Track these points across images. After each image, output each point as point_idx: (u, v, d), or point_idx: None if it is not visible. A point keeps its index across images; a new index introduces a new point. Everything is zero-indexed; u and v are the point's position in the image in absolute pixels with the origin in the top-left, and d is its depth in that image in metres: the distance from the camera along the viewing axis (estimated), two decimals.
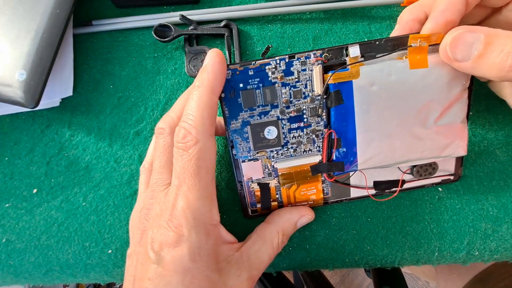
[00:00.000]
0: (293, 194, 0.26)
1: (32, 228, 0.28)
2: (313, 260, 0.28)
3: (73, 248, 0.28)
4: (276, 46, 0.30)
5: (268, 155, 0.24)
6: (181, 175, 0.20)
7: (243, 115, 0.23)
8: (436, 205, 0.27)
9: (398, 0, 0.29)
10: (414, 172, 0.25)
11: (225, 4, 0.30)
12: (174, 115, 0.24)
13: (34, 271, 0.28)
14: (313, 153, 0.24)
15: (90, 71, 0.30)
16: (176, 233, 0.20)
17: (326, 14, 0.30)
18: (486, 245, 0.27)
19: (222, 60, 0.21)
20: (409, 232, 0.27)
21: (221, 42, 0.30)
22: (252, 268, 0.23)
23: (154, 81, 0.29)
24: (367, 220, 0.28)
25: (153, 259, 0.20)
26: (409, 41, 0.21)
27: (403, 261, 0.28)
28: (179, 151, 0.21)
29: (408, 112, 0.22)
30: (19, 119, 0.29)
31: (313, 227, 0.28)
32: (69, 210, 0.28)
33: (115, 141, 0.29)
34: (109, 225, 0.28)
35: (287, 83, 0.22)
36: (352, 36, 0.30)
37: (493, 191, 0.27)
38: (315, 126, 0.23)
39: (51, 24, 0.26)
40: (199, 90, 0.21)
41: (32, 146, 0.29)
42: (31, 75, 0.25)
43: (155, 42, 0.30)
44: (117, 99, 0.29)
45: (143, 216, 0.23)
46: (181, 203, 0.20)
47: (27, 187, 0.29)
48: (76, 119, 0.29)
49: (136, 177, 0.28)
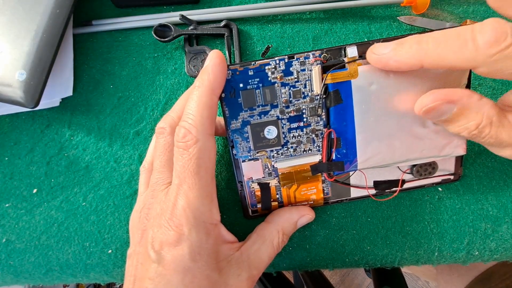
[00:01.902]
0: (293, 194, 0.26)
1: (32, 228, 0.28)
2: (313, 260, 0.28)
3: (73, 248, 0.28)
4: (276, 46, 0.30)
5: (268, 155, 0.24)
6: (182, 174, 0.20)
7: (243, 115, 0.23)
8: (436, 205, 0.27)
9: (398, 0, 0.29)
10: (414, 171, 0.25)
11: (225, 4, 0.30)
12: (175, 115, 0.24)
13: (34, 271, 0.28)
14: (313, 152, 0.24)
15: (90, 71, 0.30)
16: (177, 232, 0.20)
17: (326, 14, 0.30)
18: (486, 245, 0.27)
19: (222, 61, 0.21)
20: (409, 232, 0.27)
21: (221, 42, 0.30)
22: (252, 268, 0.23)
23: (154, 81, 0.29)
24: (367, 220, 0.28)
25: (153, 259, 0.20)
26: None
27: (403, 261, 0.28)
28: (180, 150, 0.21)
29: (407, 111, 0.22)
30: (19, 119, 0.29)
31: (313, 227, 0.28)
32: (69, 210, 0.28)
33: (115, 141, 0.29)
34: (109, 225, 0.28)
35: (287, 83, 0.22)
36: (352, 36, 0.30)
37: (493, 191, 0.27)
38: (315, 125, 0.24)
39: (51, 24, 0.26)
40: (199, 90, 0.21)
41: (32, 146, 0.29)
42: (31, 75, 0.25)
43: (155, 42, 0.30)
44: (117, 99, 0.29)
45: (143, 216, 0.23)
46: (181, 202, 0.20)
47: (27, 187, 0.29)
48: (76, 119, 0.29)
49: (136, 177, 0.28)
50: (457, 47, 0.16)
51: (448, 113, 0.18)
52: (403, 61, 0.18)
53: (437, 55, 0.17)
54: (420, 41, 0.18)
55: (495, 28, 0.15)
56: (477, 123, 0.18)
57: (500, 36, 0.15)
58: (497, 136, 0.18)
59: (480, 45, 0.16)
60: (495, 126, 0.18)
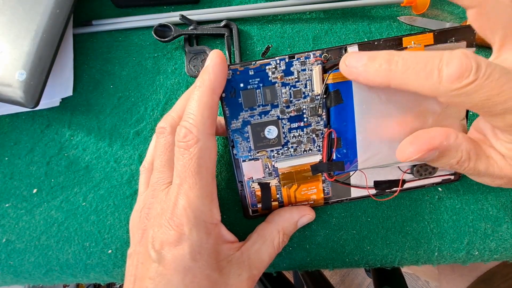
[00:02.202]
0: (294, 194, 0.26)
1: (32, 228, 0.28)
2: (313, 260, 0.28)
3: (73, 248, 0.28)
4: (276, 46, 0.30)
5: (269, 155, 0.24)
6: (182, 173, 0.20)
7: (243, 115, 0.23)
8: (436, 205, 0.27)
9: (398, 0, 0.29)
10: (414, 171, 0.25)
11: (225, 4, 0.30)
12: (175, 115, 0.24)
13: (34, 271, 0.28)
14: (313, 152, 0.24)
15: (90, 71, 0.30)
16: (177, 231, 0.20)
17: (326, 14, 0.30)
18: (486, 245, 0.27)
19: (223, 61, 0.21)
20: (409, 232, 0.27)
21: (221, 42, 0.30)
22: (253, 268, 0.23)
23: (154, 81, 0.29)
24: (367, 220, 0.28)
25: (154, 258, 0.20)
26: (404, 43, 0.21)
27: (403, 261, 0.28)
28: (180, 150, 0.21)
29: (407, 111, 0.22)
30: (19, 119, 0.29)
31: (313, 227, 0.28)
32: (69, 210, 0.28)
33: (115, 141, 0.29)
34: (109, 225, 0.28)
35: (287, 83, 0.22)
36: (352, 36, 0.30)
37: (493, 191, 0.27)
38: (315, 125, 0.24)
39: (51, 24, 0.26)
40: (200, 90, 0.21)
41: (32, 146, 0.29)
42: (31, 75, 0.25)
43: (155, 42, 0.30)
44: (117, 99, 0.29)
45: (143, 216, 0.23)
46: (182, 202, 0.20)
47: (27, 187, 0.29)
48: (76, 119, 0.29)
49: (136, 177, 0.28)
50: (423, 76, 0.16)
51: (431, 157, 0.19)
52: (371, 79, 0.18)
53: (403, 80, 0.17)
54: (390, 60, 0.18)
55: (461, 64, 0.15)
56: (457, 160, 0.19)
57: (464, 73, 0.15)
58: (475, 168, 0.19)
59: (443, 79, 0.16)
60: (473, 160, 0.19)
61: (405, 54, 0.17)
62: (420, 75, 0.16)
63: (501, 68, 0.15)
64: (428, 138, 0.19)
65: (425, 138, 0.19)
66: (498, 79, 0.15)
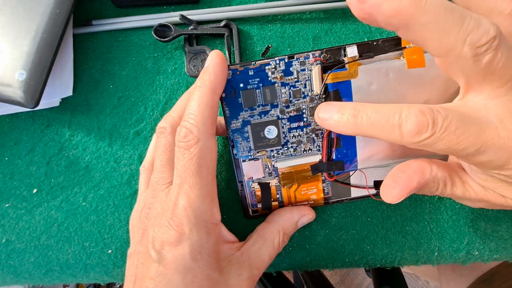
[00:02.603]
0: (294, 194, 0.26)
1: (32, 228, 0.28)
2: (313, 260, 0.28)
3: (73, 248, 0.28)
4: (276, 46, 0.30)
5: (269, 155, 0.24)
6: (183, 173, 0.20)
7: (243, 115, 0.23)
8: (435, 205, 0.27)
9: None
10: None
11: (225, 4, 0.30)
12: (175, 115, 0.24)
13: (34, 271, 0.28)
14: (313, 152, 0.24)
15: (90, 71, 0.30)
16: (177, 231, 0.20)
17: (326, 14, 0.30)
18: (486, 245, 0.27)
19: (223, 61, 0.21)
20: (408, 232, 0.27)
21: (221, 42, 0.30)
22: (253, 268, 0.23)
23: (154, 81, 0.29)
24: (367, 220, 0.28)
25: (154, 258, 0.20)
26: (402, 43, 0.21)
27: (403, 261, 0.28)
28: (181, 150, 0.21)
29: None
30: (19, 119, 0.29)
31: (313, 227, 0.28)
32: (69, 210, 0.28)
33: (115, 141, 0.29)
34: (109, 225, 0.28)
35: (287, 83, 0.22)
36: (352, 36, 0.30)
37: None
38: (315, 125, 0.24)
39: (51, 24, 0.26)
40: (200, 90, 0.21)
41: (32, 146, 0.29)
42: (31, 75, 0.25)
43: (155, 42, 0.30)
44: (117, 99, 0.29)
45: (144, 216, 0.23)
46: (182, 202, 0.20)
47: (27, 187, 0.29)
48: (76, 119, 0.29)
49: (136, 177, 0.28)
50: (386, 131, 0.18)
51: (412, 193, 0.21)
52: (343, 131, 0.20)
53: (370, 133, 0.18)
54: (356, 116, 0.19)
55: (417, 121, 0.16)
56: (435, 189, 0.20)
57: (422, 128, 0.16)
58: (453, 194, 0.20)
59: (404, 133, 0.17)
60: (449, 186, 0.20)
61: (369, 110, 0.18)
62: (384, 130, 0.18)
63: (458, 119, 0.16)
64: (406, 180, 0.20)
65: (404, 181, 0.20)
66: (455, 131, 0.16)
